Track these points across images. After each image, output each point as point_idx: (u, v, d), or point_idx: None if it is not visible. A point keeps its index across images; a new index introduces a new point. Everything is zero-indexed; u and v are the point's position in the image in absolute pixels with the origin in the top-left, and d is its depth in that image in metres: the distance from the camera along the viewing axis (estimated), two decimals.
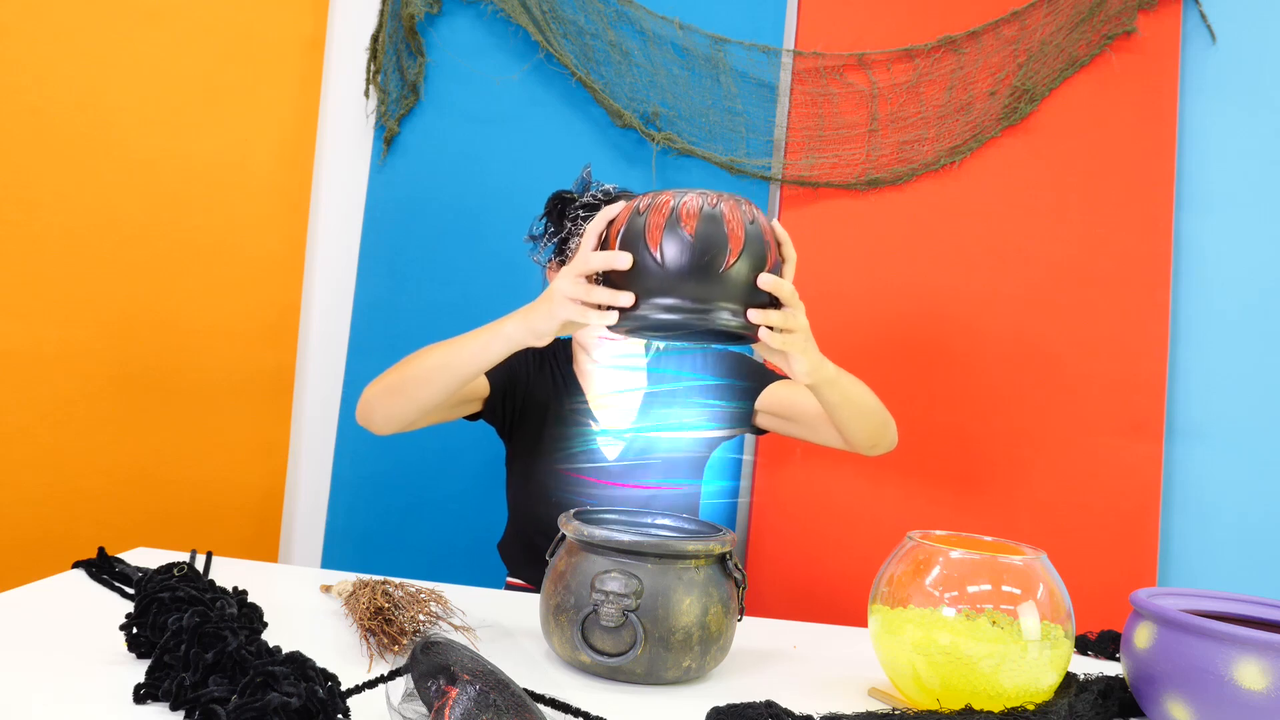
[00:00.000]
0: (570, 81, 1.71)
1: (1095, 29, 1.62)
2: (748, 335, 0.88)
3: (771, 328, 0.89)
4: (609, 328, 0.88)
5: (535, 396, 1.35)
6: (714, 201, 0.86)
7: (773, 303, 0.89)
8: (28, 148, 1.50)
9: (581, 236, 1.22)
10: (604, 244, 0.91)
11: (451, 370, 1.07)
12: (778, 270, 0.89)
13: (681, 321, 0.85)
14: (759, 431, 1.37)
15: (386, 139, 1.73)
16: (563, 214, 1.29)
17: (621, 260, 0.86)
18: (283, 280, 1.75)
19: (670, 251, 0.84)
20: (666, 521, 1.01)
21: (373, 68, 1.75)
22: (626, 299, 0.86)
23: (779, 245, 0.90)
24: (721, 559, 0.90)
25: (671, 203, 0.86)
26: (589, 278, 0.91)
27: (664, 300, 0.85)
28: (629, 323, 0.87)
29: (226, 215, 1.68)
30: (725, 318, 0.85)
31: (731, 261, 0.84)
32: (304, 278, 1.78)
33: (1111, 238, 1.60)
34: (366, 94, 1.76)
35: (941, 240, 1.64)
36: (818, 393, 1.06)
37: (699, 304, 0.84)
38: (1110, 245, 1.59)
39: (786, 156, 1.67)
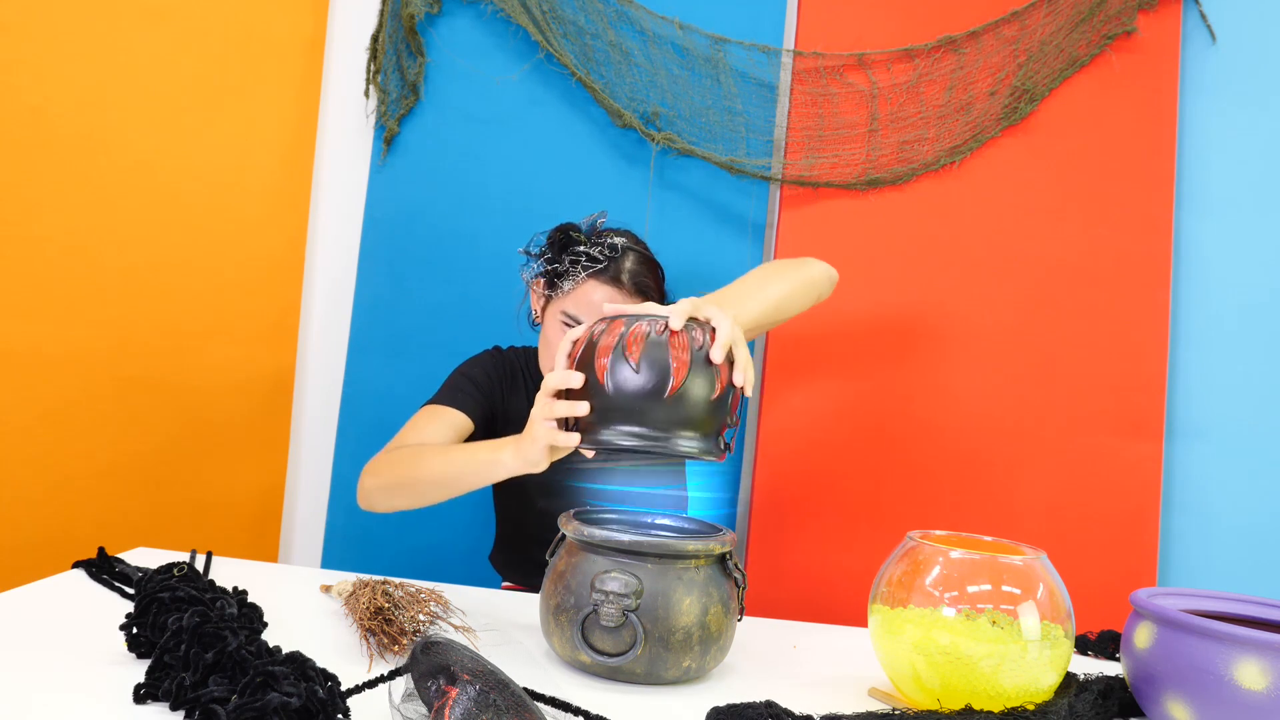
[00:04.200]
0: (570, 81, 1.71)
1: (1095, 29, 1.62)
2: (710, 457, 0.89)
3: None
4: (579, 449, 0.92)
5: (512, 414, 1.39)
6: (661, 329, 0.88)
7: (729, 423, 0.92)
8: (28, 148, 1.50)
9: (571, 277, 1.29)
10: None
11: (447, 488, 1.11)
12: (729, 395, 0.90)
13: (641, 447, 0.87)
14: None
15: (386, 139, 1.73)
16: (563, 247, 1.31)
17: (574, 380, 0.89)
18: (283, 280, 1.75)
19: (618, 378, 0.87)
20: (666, 521, 1.01)
21: (373, 68, 1.75)
22: (582, 409, 0.89)
23: (730, 366, 0.91)
24: (721, 559, 0.90)
25: (621, 330, 0.89)
26: (555, 396, 0.93)
27: (622, 426, 0.88)
28: (596, 446, 0.90)
29: (226, 216, 1.68)
30: (682, 444, 0.87)
31: (675, 388, 0.86)
32: (304, 278, 1.78)
33: (1111, 238, 1.59)
34: (366, 94, 1.76)
35: (942, 240, 1.63)
36: (757, 331, 1.07)
37: (655, 430, 0.87)
38: (1110, 245, 1.59)
39: (786, 156, 1.67)
